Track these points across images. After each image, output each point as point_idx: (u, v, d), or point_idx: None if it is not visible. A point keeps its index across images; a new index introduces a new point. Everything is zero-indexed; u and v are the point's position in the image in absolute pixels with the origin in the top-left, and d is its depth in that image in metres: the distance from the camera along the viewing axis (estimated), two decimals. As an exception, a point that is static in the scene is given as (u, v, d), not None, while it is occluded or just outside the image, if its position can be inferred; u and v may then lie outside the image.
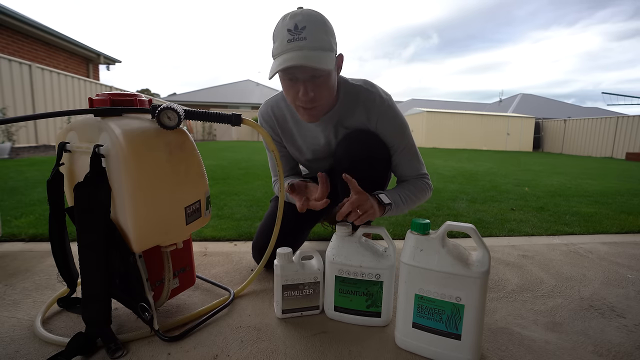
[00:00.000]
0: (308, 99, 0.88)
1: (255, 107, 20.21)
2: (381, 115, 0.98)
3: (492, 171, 4.79)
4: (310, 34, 0.82)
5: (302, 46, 0.82)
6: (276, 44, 0.86)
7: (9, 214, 1.75)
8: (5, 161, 4.05)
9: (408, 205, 1.00)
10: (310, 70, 0.84)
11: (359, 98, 0.99)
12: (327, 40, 0.85)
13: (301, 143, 1.10)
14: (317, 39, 0.83)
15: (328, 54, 0.85)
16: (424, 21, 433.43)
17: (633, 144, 10.48)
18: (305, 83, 0.86)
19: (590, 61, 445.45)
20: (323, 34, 0.84)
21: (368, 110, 0.99)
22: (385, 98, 0.99)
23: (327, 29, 0.85)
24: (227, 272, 1.18)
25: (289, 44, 0.82)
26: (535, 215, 2.15)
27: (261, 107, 1.14)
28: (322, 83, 0.88)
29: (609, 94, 16.99)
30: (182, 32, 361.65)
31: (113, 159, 0.70)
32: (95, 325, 0.73)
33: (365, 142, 0.99)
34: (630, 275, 1.25)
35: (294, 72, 0.85)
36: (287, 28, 0.83)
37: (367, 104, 0.99)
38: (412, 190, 1.02)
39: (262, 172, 3.84)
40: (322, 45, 0.84)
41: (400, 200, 0.97)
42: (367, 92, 0.99)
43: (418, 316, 0.75)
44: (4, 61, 5.61)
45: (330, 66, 0.85)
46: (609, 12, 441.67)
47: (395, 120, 1.00)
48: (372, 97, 0.98)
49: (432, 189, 1.08)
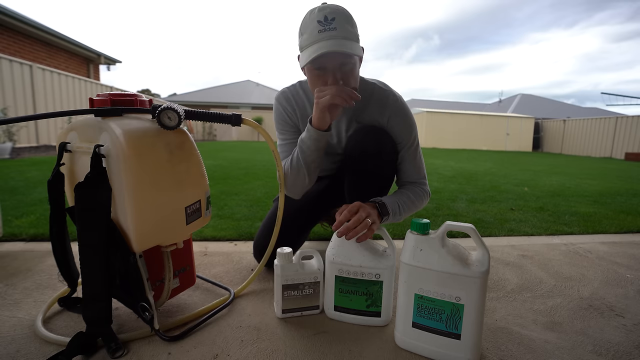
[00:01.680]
0: (333, 84, 0.91)
1: (255, 107, 20.21)
2: (393, 112, 1.03)
3: (492, 171, 4.79)
4: (339, 25, 0.87)
5: (333, 35, 0.86)
6: (305, 35, 0.90)
7: (10, 214, 1.75)
8: (6, 161, 4.05)
9: (405, 214, 1.00)
10: (339, 57, 0.88)
11: (373, 94, 1.05)
12: (354, 31, 0.90)
13: None
14: (346, 29, 0.88)
15: (356, 44, 0.90)
16: (425, 23, 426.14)
17: (632, 144, 10.49)
18: (334, 72, 0.90)
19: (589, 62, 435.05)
20: (350, 26, 0.89)
21: (381, 107, 1.04)
22: (398, 97, 1.05)
23: (353, 22, 0.91)
24: (227, 272, 1.18)
25: (320, 34, 0.87)
26: (534, 215, 2.16)
27: (279, 93, 1.14)
28: (350, 71, 0.92)
29: (608, 94, 16.99)
30: (182, 33, 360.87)
31: (113, 159, 0.70)
32: (96, 325, 0.73)
33: (376, 137, 1.01)
34: (629, 275, 1.25)
35: (323, 62, 0.89)
36: (317, 20, 0.87)
37: (381, 100, 1.04)
38: (411, 198, 1.03)
39: (262, 172, 3.84)
40: (350, 36, 0.89)
41: (399, 208, 0.98)
42: (382, 90, 1.05)
43: (418, 316, 0.76)
44: (5, 61, 5.61)
45: (360, 53, 0.90)
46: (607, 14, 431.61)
47: (406, 118, 1.05)
48: (386, 95, 1.04)
49: (430, 196, 1.09)
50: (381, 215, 0.92)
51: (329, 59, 0.88)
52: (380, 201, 0.94)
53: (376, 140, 1.01)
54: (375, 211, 0.91)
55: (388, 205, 0.94)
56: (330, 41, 0.86)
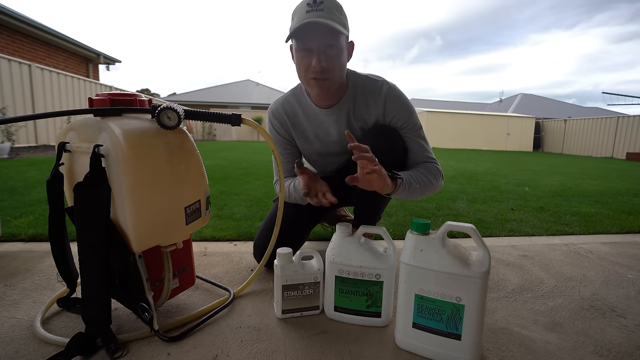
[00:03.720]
0: (320, 68, 0.93)
1: (255, 107, 20.20)
2: (388, 97, 1.04)
3: (492, 171, 4.79)
4: (327, 8, 0.90)
5: (319, 15, 0.90)
6: (295, 19, 0.93)
7: (9, 214, 1.75)
8: (5, 161, 4.05)
9: (420, 187, 0.97)
10: (325, 38, 0.91)
11: (366, 85, 1.06)
12: (342, 18, 0.93)
13: (312, 136, 1.13)
14: (333, 13, 0.91)
15: (341, 29, 0.92)
16: (428, 24, 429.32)
17: (633, 144, 10.48)
18: (319, 53, 0.93)
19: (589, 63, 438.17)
20: (338, 12, 0.92)
21: (376, 96, 1.04)
22: (390, 84, 1.06)
23: (342, 10, 0.94)
24: (227, 272, 1.18)
25: (307, 14, 0.90)
26: (535, 215, 2.15)
27: (270, 106, 1.18)
28: (335, 56, 0.94)
29: (610, 93, 16.97)
30: (182, 32, 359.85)
31: (113, 159, 0.69)
32: (95, 325, 0.73)
33: (388, 135, 1.03)
34: (631, 276, 1.25)
35: (308, 42, 0.92)
36: (307, 2, 0.91)
37: (374, 91, 1.05)
38: (424, 172, 1.01)
39: (262, 172, 3.84)
40: (337, 19, 0.91)
41: (412, 178, 0.96)
42: (373, 81, 1.07)
43: (418, 316, 0.75)
44: (3, 61, 5.61)
45: (345, 32, 0.93)
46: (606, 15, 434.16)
47: (402, 101, 1.05)
48: (379, 85, 1.05)
49: (444, 177, 1.08)
50: (395, 179, 0.91)
51: (314, 37, 0.91)
52: (390, 172, 0.91)
53: (387, 138, 1.02)
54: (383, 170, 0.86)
55: (399, 173, 0.94)
56: (315, 18, 0.89)
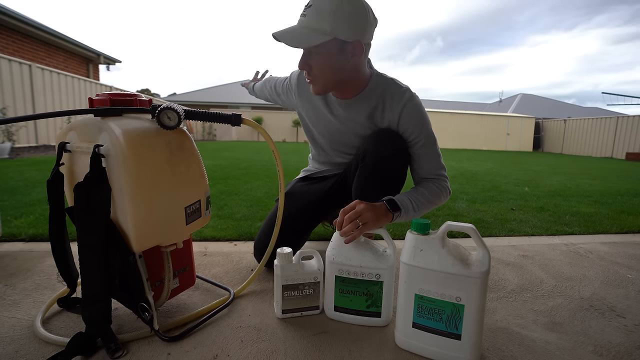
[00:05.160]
0: (301, 69, 1.00)
1: (255, 107, 20.18)
2: (406, 106, 1.04)
3: (492, 171, 4.79)
4: (310, 13, 0.91)
5: (300, 22, 0.93)
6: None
7: (9, 214, 1.75)
8: (5, 161, 4.05)
9: (420, 210, 0.97)
10: (300, 46, 0.93)
11: (388, 89, 1.07)
12: (322, 23, 0.90)
13: (316, 110, 1.18)
14: (313, 19, 0.91)
15: (316, 35, 0.91)
16: (429, 25, 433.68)
17: (633, 144, 10.49)
18: (303, 55, 0.98)
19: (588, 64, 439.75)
20: (319, 17, 0.90)
21: (395, 101, 1.05)
22: (413, 94, 1.07)
23: (327, 12, 0.89)
24: (227, 272, 1.18)
25: (299, 17, 0.94)
26: (535, 215, 2.15)
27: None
28: (318, 60, 0.96)
29: (609, 94, 16.98)
30: (182, 32, 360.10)
31: (113, 159, 0.70)
32: (95, 325, 0.73)
33: (392, 139, 1.03)
34: (630, 275, 1.25)
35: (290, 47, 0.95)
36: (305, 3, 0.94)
37: (395, 95, 1.05)
38: (426, 195, 1.00)
39: (262, 172, 3.84)
40: (315, 27, 0.91)
41: (412, 206, 0.95)
42: (397, 86, 1.07)
43: (418, 316, 0.75)
44: (4, 61, 5.61)
45: (311, 44, 0.91)
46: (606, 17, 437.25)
47: (419, 113, 1.05)
48: (402, 91, 1.06)
49: (450, 193, 1.07)
50: (392, 211, 0.92)
51: (293, 45, 0.93)
52: (388, 199, 0.93)
53: (391, 142, 1.03)
54: (374, 211, 0.88)
55: (398, 201, 0.93)
56: (292, 28, 0.93)
